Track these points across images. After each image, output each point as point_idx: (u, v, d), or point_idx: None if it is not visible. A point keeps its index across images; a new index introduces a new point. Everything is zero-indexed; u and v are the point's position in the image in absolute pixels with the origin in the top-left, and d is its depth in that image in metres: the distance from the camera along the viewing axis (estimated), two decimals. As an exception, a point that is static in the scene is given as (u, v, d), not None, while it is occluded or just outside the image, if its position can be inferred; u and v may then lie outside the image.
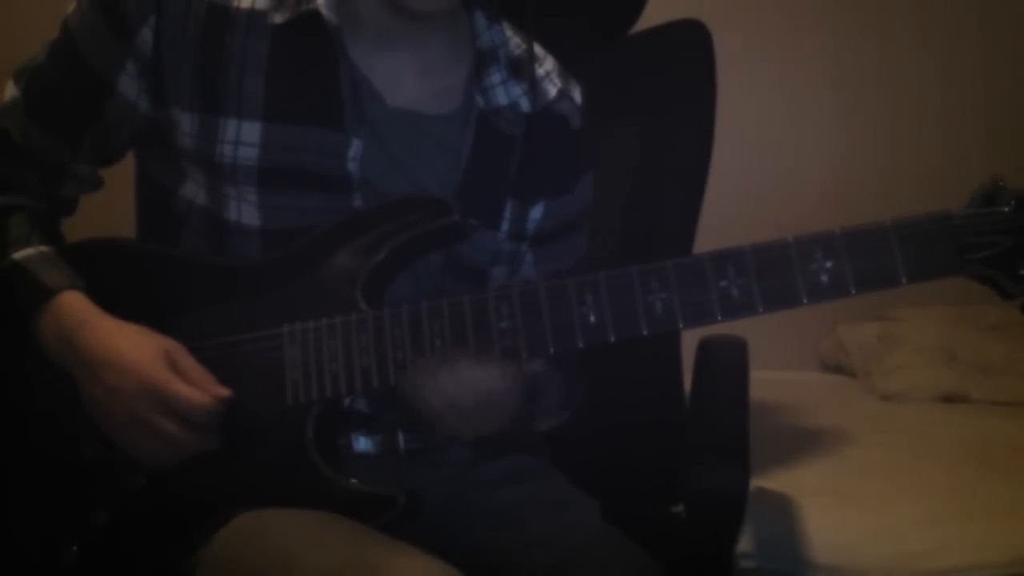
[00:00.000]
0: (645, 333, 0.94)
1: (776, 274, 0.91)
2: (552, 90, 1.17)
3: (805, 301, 0.91)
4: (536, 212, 1.17)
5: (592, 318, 0.94)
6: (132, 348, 1.00)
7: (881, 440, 2.04)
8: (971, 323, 2.49)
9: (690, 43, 1.57)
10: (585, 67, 1.27)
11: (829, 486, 1.77)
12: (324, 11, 1.04)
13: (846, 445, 2.00)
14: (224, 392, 0.99)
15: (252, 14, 1.05)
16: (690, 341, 1.54)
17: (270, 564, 0.93)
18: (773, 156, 2.58)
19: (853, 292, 0.90)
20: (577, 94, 1.20)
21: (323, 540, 0.94)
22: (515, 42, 1.16)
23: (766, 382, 1.96)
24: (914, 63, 2.58)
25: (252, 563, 0.95)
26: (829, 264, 0.90)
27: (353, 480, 1.01)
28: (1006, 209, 0.88)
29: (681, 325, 0.93)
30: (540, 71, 1.17)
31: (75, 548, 1.05)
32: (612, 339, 0.94)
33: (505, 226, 1.15)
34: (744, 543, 1.63)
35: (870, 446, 1.99)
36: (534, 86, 1.14)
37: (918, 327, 2.47)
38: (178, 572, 1.02)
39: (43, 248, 1.08)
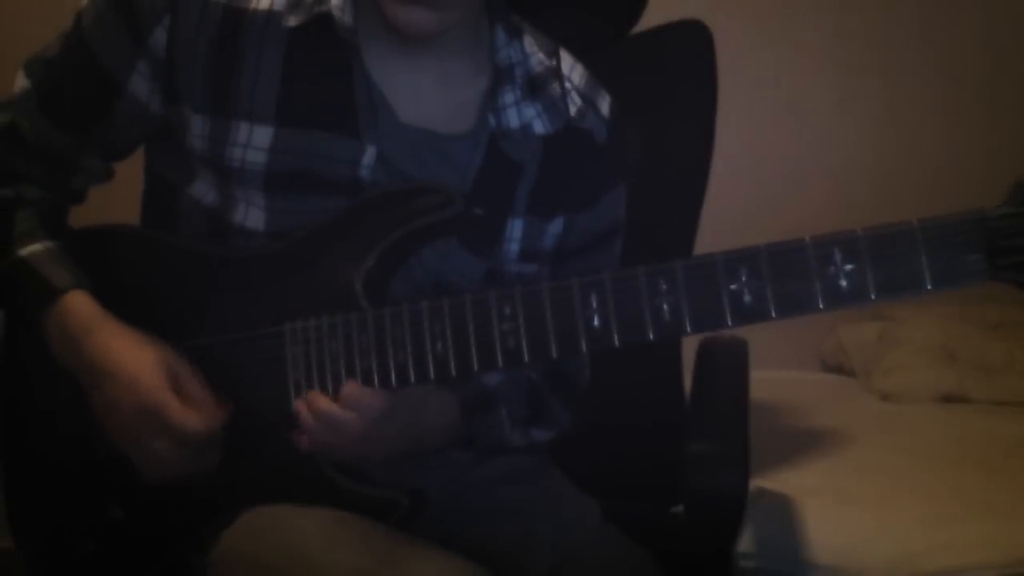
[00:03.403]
0: (652, 338, 0.89)
1: (792, 278, 0.85)
2: (572, 108, 1.12)
3: (822, 307, 0.85)
4: (555, 227, 1.13)
5: (596, 322, 0.90)
6: (132, 361, 0.99)
7: (881, 440, 2.03)
8: (971, 322, 2.49)
9: (690, 43, 1.57)
10: (585, 67, 1.27)
11: (829, 486, 1.77)
12: (336, 13, 1.02)
13: (846, 445, 2.00)
14: (223, 414, 0.99)
15: (269, 16, 1.03)
16: (690, 341, 1.54)
17: (284, 561, 0.93)
18: (774, 155, 2.58)
19: (874, 298, 0.84)
20: (605, 106, 1.15)
21: (337, 536, 0.94)
22: (537, 58, 1.10)
23: (766, 382, 1.96)
24: (915, 57, 2.58)
25: (265, 560, 0.95)
26: (849, 267, 0.84)
27: (355, 482, 1.01)
28: None
29: (689, 330, 0.88)
30: (561, 88, 1.12)
31: (91, 544, 1.06)
32: (617, 343, 0.90)
33: (514, 246, 1.12)
34: (744, 543, 1.63)
35: (870, 446, 1.99)
36: (551, 106, 1.10)
37: (918, 327, 2.46)
38: (190, 569, 1.03)
39: (49, 244, 1.07)
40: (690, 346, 1.54)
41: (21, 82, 1.10)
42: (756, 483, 1.66)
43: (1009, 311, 2.51)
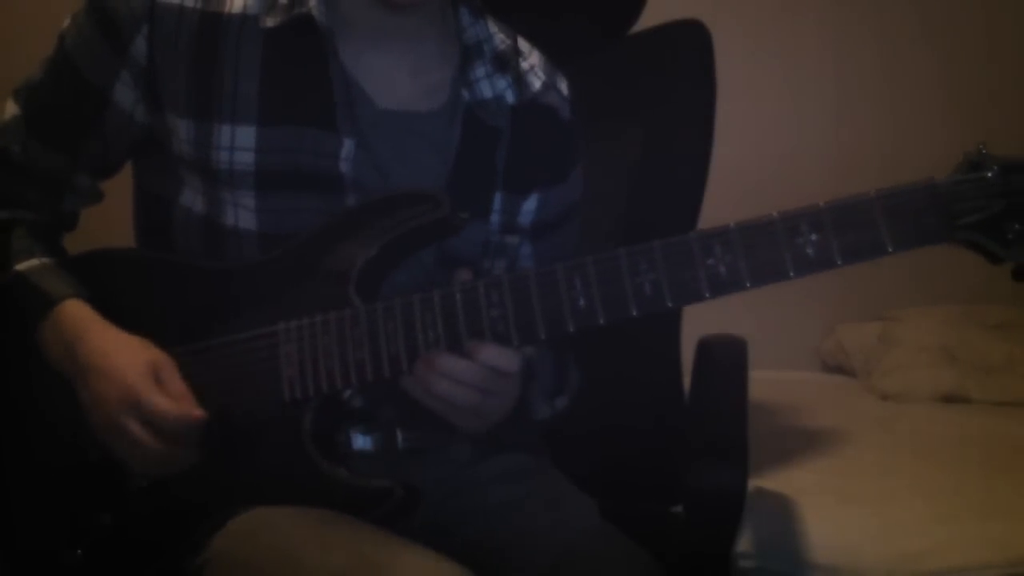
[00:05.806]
0: (635, 314, 0.94)
1: (762, 249, 0.91)
2: (537, 83, 1.18)
3: (792, 275, 0.91)
4: (530, 204, 1.18)
5: (582, 302, 0.95)
6: (121, 358, 1.01)
7: (881, 440, 2.04)
8: (972, 323, 2.49)
9: (690, 43, 1.57)
10: (585, 67, 1.27)
11: (829, 486, 1.77)
12: (316, 14, 1.05)
13: (846, 445, 2.00)
14: (198, 413, 0.99)
15: (244, 19, 1.06)
16: (690, 341, 1.54)
17: (276, 564, 0.93)
18: (773, 155, 2.58)
19: (839, 263, 0.90)
20: (564, 86, 1.22)
21: (327, 538, 0.94)
22: (499, 38, 1.18)
23: (766, 382, 1.96)
24: (914, 56, 2.58)
25: (257, 563, 0.95)
26: (815, 237, 0.90)
27: (350, 474, 1.01)
28: (990, 174, 0.89)
29: (670, 304, 0.93)
30: (524, 65, 1.18)
31: (79, 551, 1.05)
32: (602, 322, 0.95)
33: (495, 218, 1.16)
34: (743, 543, 1.63)
35: (870, 446, 1.99)
36: (518, 79, 1.16)
37: (918, 327, 2.47)
38: (182, 572, 1.02)
39: (45, 260, 1.09)
40: (689, 346, 1.54)
41: (10, 109, 1.13)
42: (755, 483, 1.66)
43: (1009, 311, 2.51)
